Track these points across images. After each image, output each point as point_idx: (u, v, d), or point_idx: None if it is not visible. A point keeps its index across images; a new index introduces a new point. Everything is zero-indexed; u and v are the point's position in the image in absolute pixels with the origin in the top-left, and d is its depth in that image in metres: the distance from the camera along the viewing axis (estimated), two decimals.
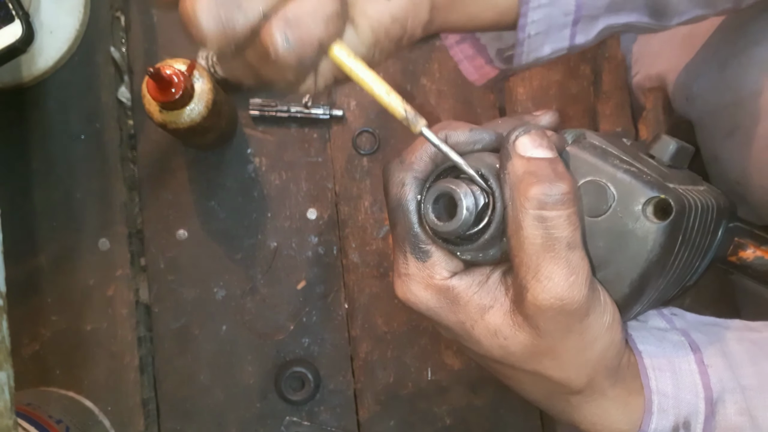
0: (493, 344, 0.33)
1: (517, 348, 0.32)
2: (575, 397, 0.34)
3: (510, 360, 0.33)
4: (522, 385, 0.35)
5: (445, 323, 0.34)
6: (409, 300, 0.35)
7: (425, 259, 0.34)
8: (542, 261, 0.30)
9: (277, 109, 0.61)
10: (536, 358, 0.33)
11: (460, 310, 0.33)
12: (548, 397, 0.35)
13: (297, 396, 0.60)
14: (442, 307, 0.34)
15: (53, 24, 0.59)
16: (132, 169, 0.63)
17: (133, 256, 0.61)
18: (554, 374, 0.33)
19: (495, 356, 0.33)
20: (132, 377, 0.59)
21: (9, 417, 0.37)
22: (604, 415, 0.35)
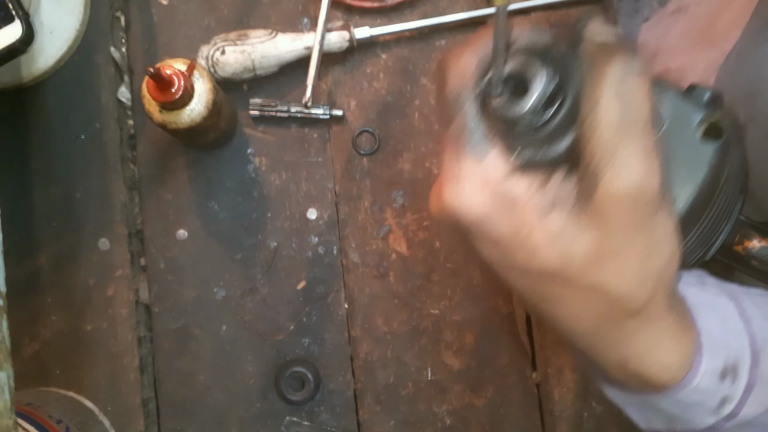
0: (552, 252, 0.30)
1: (580, 252, 0.30)
2: (630, 320, 0.31)
3: (568, 271, 0.30)
4: (571, 309, 0.32)
5: (495, 234, 0.31)
6: (458, 207, 0.31)
7: (482, 157, 0.31)
8: (619, 143, 0.28)
9: (277, 109, 0.61)
10: (599, 266, 0.30)
11: (517, 215, 0.30)
12: (599, 324, 0.32)
13: (297, 396, 0.60)
14: (496, 213, 0.30)
15: (53, 24, 0.59)
16: (132, 169, 0.63)
17: (133, 256, 0.61)
18: (615, 286, 0.30)
19: (551, 268, 0.30)
20: (132, 377, 0.59)
21: (9, 417, 0.37)
22: (657, 347, 0.32)
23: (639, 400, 0.35)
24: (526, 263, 0.31)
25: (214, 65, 0.58)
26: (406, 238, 0.62)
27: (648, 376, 0.32)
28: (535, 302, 0.33)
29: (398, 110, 0.63)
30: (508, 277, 0.32)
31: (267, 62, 0.59)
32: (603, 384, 0.37)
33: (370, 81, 0.63)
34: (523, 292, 0.33)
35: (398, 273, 0.62)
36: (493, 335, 0.62)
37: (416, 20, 0.61)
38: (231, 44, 0.59)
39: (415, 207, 0.62)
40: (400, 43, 0.63)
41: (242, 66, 0.59)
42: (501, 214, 0.30)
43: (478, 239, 0.32)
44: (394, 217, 0.62)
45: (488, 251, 0.32)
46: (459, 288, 0.62)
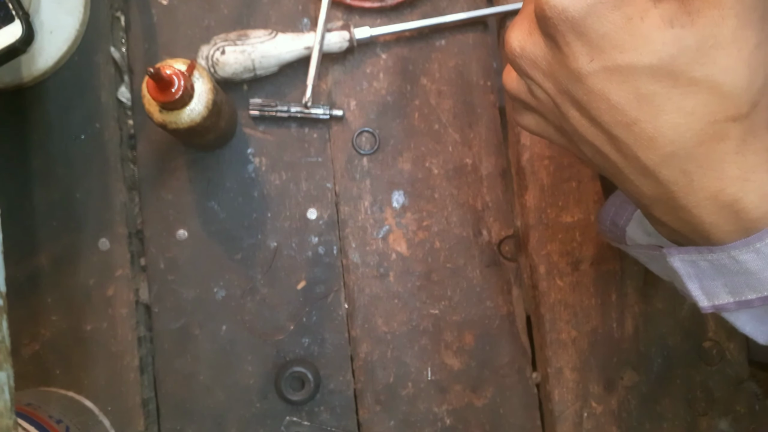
0: (667, 39, 0.28)
1: (696, 38, 0.28)
2: (736, 128, 0.30)
3: (681, 62, 0.29)
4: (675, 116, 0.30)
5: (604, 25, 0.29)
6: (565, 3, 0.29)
7: None
8: None
9: (277, 109, 0.61)
10: (712, 55, 0.28)
11: (628, 4, 0.29)
12: (703, 133, 0.30)
13: (297, 396, 0.60)
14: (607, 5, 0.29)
15: (53, 24, 0.59)
16: (132, 169, 0.63)
17: (133, 256, 0.61)
18: (729, 79, 0.29)
19: (665, 57, 0.29)
20: (132, 377, 0.59)
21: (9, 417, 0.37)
22: (757, 171, 0.30)
23: (713, 262, 0.33)
24: (636, 58, 0.29)
25: (214, 65, 0.58)
26: (406, 238, 0.62)
27: (745, 204, 0.31)
28: (633, 119, 0.30)
29: (398, 110, 0.63)
30: (608, 88, 0.30)
31: (267, 62, 0.59)
32: (670, 252, 0.35)
33: (370, 81, 0.63)
34: (623, 108, 0.30)
35: (398, 273, 0.62)
36: (493, 335, 0.62)
37: (416, 20, 0.61)
38: (231, 44, 0.59)
39: (415, 207, 0.62)
40: (400, 43, 0.63)
41: (242, 66, 0.59)
42: (613, 5, 0.29)
43: (582, 40, 0.30)
44: (394, 217, 0.62)
45: (590, 55, 0.30)
46: (459, 288, 0.62)
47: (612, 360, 0.61)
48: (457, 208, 0.63)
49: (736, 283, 0.33)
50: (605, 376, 0.61)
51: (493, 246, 0.63)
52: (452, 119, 0.63)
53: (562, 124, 0.34)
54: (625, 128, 0.31)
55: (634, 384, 0.60)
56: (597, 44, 0.30)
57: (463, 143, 0.63)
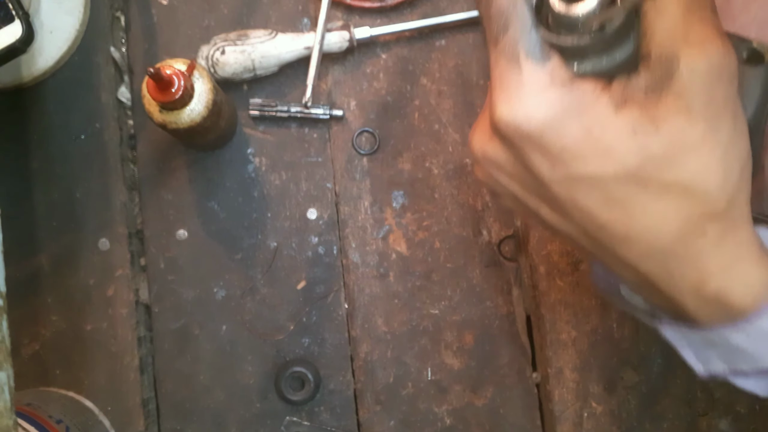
0: (631, 148, 0.27)
1: (662, 144, 0.27)
2: (714, 225, 0.29)
3: (649, 169, 0.28)
4: (650, 219, 0.29)
5: (563, 140, 0.28)
6: (518, 115, 0.28)
7: (544, 62, 0.29)
8: (690, 24, 0.27)
9: (277, 109, 0.61)
10: (682, 158, 0.27)
11: (588, 111, 0.28)
12: (680, 232, 0.29)
13: (297, 396, 0.60)
14: (564, 114, 0.28)
15: (53, 24, 0.59)
16: (132, 169, 0.63)
17: (133, 256, 0.61)
18: (701, 181, 0.28)
19: (631, 167, 0.28)
20: (132, 377, 0.59)
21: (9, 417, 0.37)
22: (740, 263, 0.30)
23: (703, 337, 0.33)
24: (600, 168, 0.28)
25: (214, 65, 0.58)
26: (406, 238, 0.62)
27: (729, 296, 0.30)
28: (604, 222, 0.29)
29: (398, 110, 0.63)
30: (574, 195, 0.29)
31: (267, 62, 0.59)
32: (662, 322, 0.34)
33: (370, 81, 0.63)
34: (591, 213, 0.30)
35: (398, 273, 0.62)
36: (493, 335, 0.62)
37: (416, 20, 0.61)
38: (231, 44, 0.59)
39: (415, 207, 0.62)
40: (400, 43, 0.63)
41: (242, 66, 0.59)
42: (569, 115, 0.28)
43: (540, 152, 0.29)
44: (394, 217, 0.62)
45: (552, 165, 0.29)
46: (459, 288, 0.62)
47: (612, 360, 0.61)
48: (457, 208, 0.63)
49: (729, 357, 0.33)
50: (605, 376, 0.61)
51: (493, 246, 0.63)
52: (452, 119, 0.63)
53: (535, 217, 0.33)
54: (597, 229, 0.30)
55: (634, 384, 0.60)
56: (557, 156, 0.29)
57: (463, 143, 0.63)
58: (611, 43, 0.29)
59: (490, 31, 0.30)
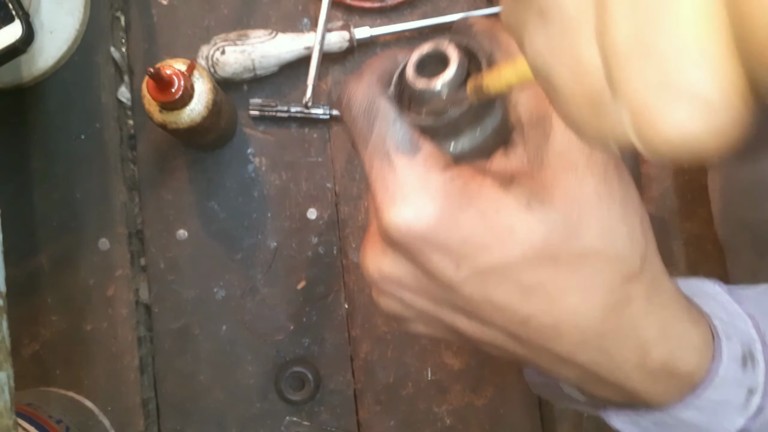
0: (531, 223, 0.26)
1: (559, 210, 0.26)
2: (637, 286, 0.27)
3: (554, 244, 0.26)
4: (571, 297, 0.27)
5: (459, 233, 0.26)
6: (407, 219, 0.26)
7: (416, 152, 0.27)
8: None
9: (277, 109, 0.61)
10: (583, 226, 0.26)
11: (476, 197, 0.26)
12: (606, 303, 0.27)
13: (297, 396, 0.60)
14: (453, 206, 0.26)
15: (53, 24, 0.59)
16: (132, 169, 0.63)
17: (133, 256, 0.61)
18: (609, 244, 0.26)
19: (537, 246, 0.26)
20: (132, 377, 0.59)
21: (9, 417, 0.37)
22: (677, 326, 0.28)
23: (655, 420, 0.31)
24: (505, 254, 0.26)
25: (214, 65, 0.58)
26: None
27: (675, 363, 0.29)
28: (527, 316, 0.27)
29: None
30: (487, 293, 0.27)
31: (267, 62, 0.59)
32: (607, 412, 0.33)
33: None
34: (510, 308, 0.27)
35: None
36: None
37: (416, 20, 0.61)
38: (231, 44, 0.59)
39: None
40: (400, 43, 0.63)
41: (242, 66, 0.59)
42: (458, 204, 0.26)
43: (440, 251, 0.27)
44: None
45: (455, 265, 0.27)
46: None
47: None
48: None
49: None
50: None
51: None
52: None
53: (451, 332, 0.31)
54: (522, 325, 0.28)
55: None
56: (458, 251, 0.26)
57: None
58: (478, 115, 0.28)
59: (357, 134, 0.29)
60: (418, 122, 0.28)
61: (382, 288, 0.30)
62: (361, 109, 0.28)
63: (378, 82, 0.29)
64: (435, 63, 0.28)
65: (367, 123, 0.28)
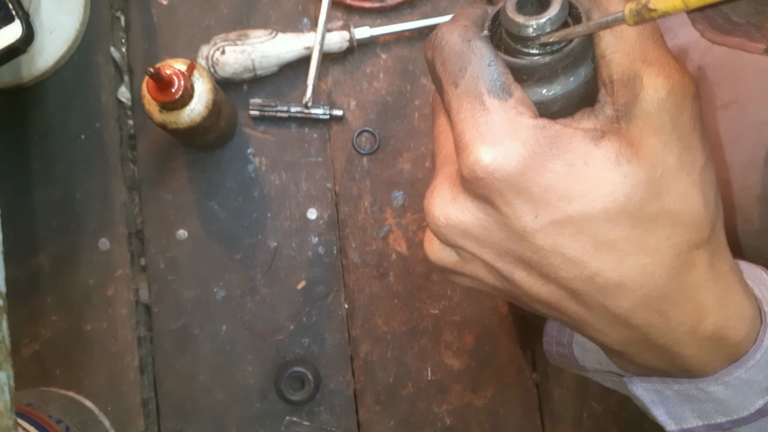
0: (617, 178, 0.26)
1: (645, 170, 0.26)
2: (702, 253, 0.28)
3: (635, 200, 0.26)
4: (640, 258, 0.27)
5: (545, 179, 0.26)
6: (494, 159, 0.26)
7: (508, 96, 0.27)
8: (647, 47, 0.27)
9: (277, 109, 0.61)
10: (663, 188, 0.26)
11: (567, 147, 0.26)
12: (672, 268, 0.28)
13: (297, 396, 0.60)
14: (543, 151, 0.26)
15: (53, 24, 0.59)
16: (132, 169, 0.63)
17: (133, 256, 0.61)
18: (686, 208, 0.27)
19: (619, 201, 0.26)
20: (132, 377, 0.59)
21: (9, 417, 0.37)
22: (732, 293, 0.29)
23: (680, 392, 0.32)
24: (588, 206, 0.26)
25: (214, 65, 0.58)
26: (406, 238, 0.62)
27: (727, 332, 0.29)
28: (595, 271, 0.27)
29: (398, 110, 0.63)
30: (560, 244, 0.27)
31: (267, 62, 0.59)
32: (632, 380, 0.33)
33: (370, 81, 0.63)
34: (580, 261, 0.27)
35: (398, 273, 0.62)
36: (493, 335, 0.62)
37: (416, 20, 0.61)
38: (231, 44, 0.59)
39: (415, 207, 0.62)
40: (400, 43, 0.63)
41: (242, 66, 0.59)
42: (549, 152, 0.26)
43: (522, 197, 0.27)
44: (394, 217, 0.62)
45: (534, 212, 0.27)
46: (459, 288, 0.62)
47: None
48: None
49: (704, 409, 0.32)
50: None
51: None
52: None
53: (504, 287, 0.31)
54: (587, 281, 0.28)
55: None
56: (540, 198, 0.26)
57: None
58: (574, 62, 0.28)
59: (447, 75, 0.28)
60: (513, 64, 0.28)
61: (444, 236, 0.29)
62: (455, 49, 0.28)
63: (473, 25, 0.28)
64: (532, 6, 0.27)
65: (459, 64, 0.28)
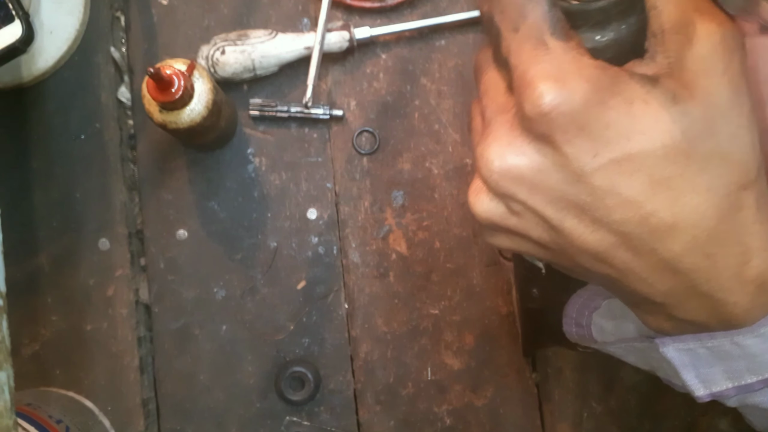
0: (675, 116, 0.27)
1: (699, 108, 0.27)
2: (749, 194, 0.28)
3: (691, 136, 0.27)
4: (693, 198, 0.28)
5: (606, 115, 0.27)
6: (561, 92, 0.27)
7: (568, 39, 0.28)
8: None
9: (277, 109, 0.61)
10: (714, 128, 0.27)
11: (626, 86, 0.27)
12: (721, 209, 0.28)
13: (297, 396, 0.60)
14: (605, 88, 0.27)
15: (53, 24, 0.59)
16: (132, 169, 0.63)
17: (133, 256, 0.61)
18: (735, 146, 0.28)
19: (675, 138, 0.27)
20: (132, 377, 0.59)
21: (9, 417, 0.37)
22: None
23: (713, 350, 0.31)
24: (646, 143, 0.27)
25: (214, 65, 0.58)
26: (406, 238, 0.62)
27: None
28: (650, 211, 0.28)
29: (398, 110, 0.63)
30: (617, 183, 0.28)
31: (267, 62, 0.59)
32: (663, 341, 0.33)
33: (370, 81, 0.63)
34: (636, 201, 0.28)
35: (398, 273, 0.62)
36: (493, 335, 0.62)
37: (416, 20, 0.61)
38: (231, 44, 0.59)
39: (415, 207, 0.62)
40: (400, 43, 0.63)
41: (242, 66, 0.59)
42: (610, 91, 0.27)
43: (583, 135, 0.27)
44: (394, 217, 0.62)
45: (594, 150, 0.27)
46: (459, 288, 0.62)
47: (612, 359, 0.60)
48: (457, 208, 0.63)
49: (736, 368, 0.32)
50: (605, 376, 0.61)
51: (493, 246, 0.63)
52: (452, 119, 0.63)
53: (551, 239, 0.31)
54: (640, 223, 0.28)
55: (633, 384, 0.60)
56: (601, 135, 0.27)
57: (463, 143, 0.63)
58: (628, 8, 0.29)
59: (508, 21, 0.29)
60: (569, 8, 0.29)
61: (497, 182, 0.30)
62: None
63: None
64: None
65: (520, 9, 0.29)
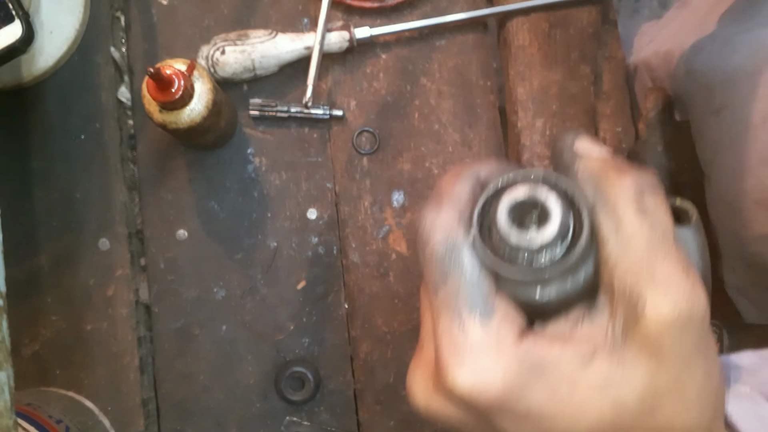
0: (604, 403, 0.25)
1: (636, 395, 0.25)
2: None
3: (625, 420, 0.26)
4: None
5: (527, 405, 0.26)
6: (473, 385, 0.25)
7: (491, 316, 0.26)
8: (655, 262, 0.25)
9: (277, 109, 0.61)
10: (657, 406, 0.26)
11: (550, 374, 0.26)
12: None
13: (297, 396, 0.60)
14: (525, 378, 0.25)
15: (53, 24, 0.59)
16: (132, 169, 0.63)
17: (133, 256, 0.61)
18: (679, 424, 0.26)
19: (605, 422, 0.26)
20: (132, 377, 0.59)
21: (9, 417, 0.37)
22: None
23: None
24: (571, 425, 0.26)
25: (214, 65, 0.58)
26: (406, 238, 0.62)
27: None
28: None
29: (398, 110, 0.63)
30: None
31: (267, 62, 0.59)
32: None
33: (370, 81, 0.63)
34: None
35: (398, 273, 0.62)
36: None
37: (416, 20, 0.61)
38: (231, 44, 0.59)
39: (415, 207, 0.62)
40: (400, 43, 0.63)
41: (242, 66, 0.59)
42: (531, 378, 0.26)
43: (503, 418, 0.26)
44: (394, 217, 0.62)
45: (517, 425, 0.26)
46: None
47: None
48: None
49: None
50: None
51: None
52: (452, 119, 0.63)
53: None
54: None
55: None
56: (523, 417, 0.26)
57: (463, 143, 0.63)
58: (573, 268, 0.27)
59: (429, 276, 0.27)
60: (501, 268, 0.26)
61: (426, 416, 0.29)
62: (437, 255, 0.27)
63: (459, 220, 0.27)
64: (529, 207, 0.26)
65: (442, 271, 0.27)
